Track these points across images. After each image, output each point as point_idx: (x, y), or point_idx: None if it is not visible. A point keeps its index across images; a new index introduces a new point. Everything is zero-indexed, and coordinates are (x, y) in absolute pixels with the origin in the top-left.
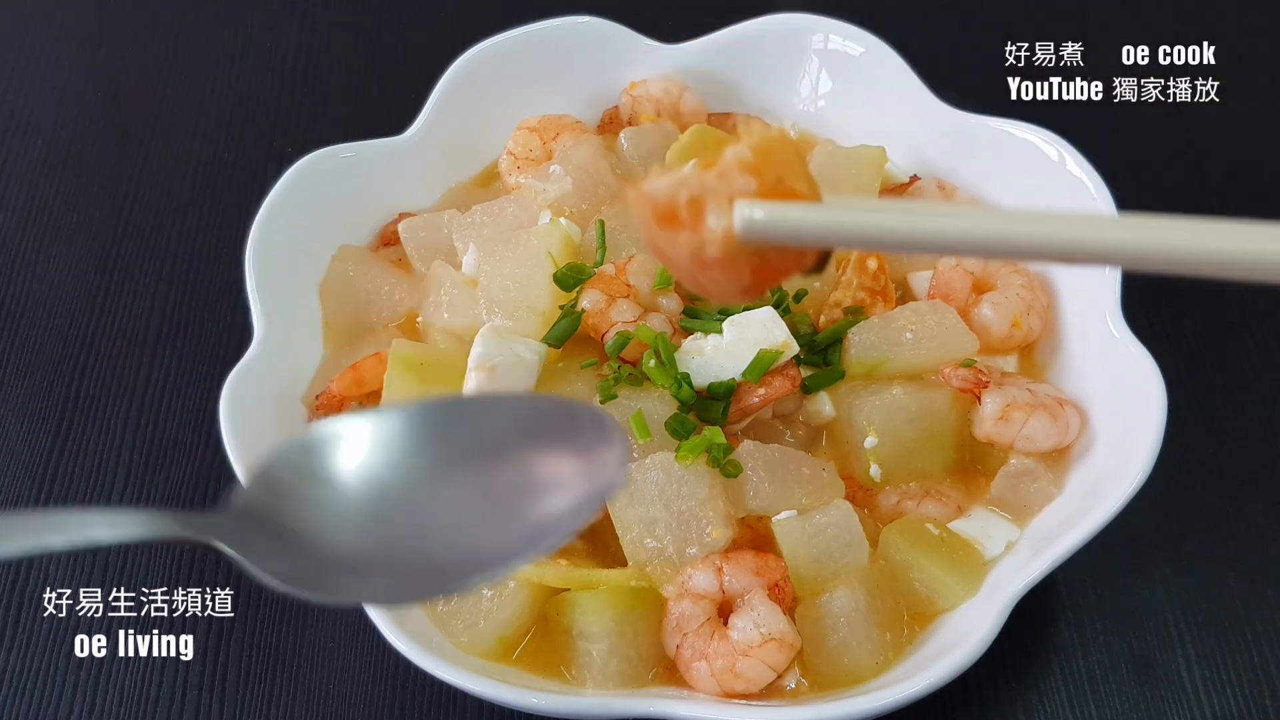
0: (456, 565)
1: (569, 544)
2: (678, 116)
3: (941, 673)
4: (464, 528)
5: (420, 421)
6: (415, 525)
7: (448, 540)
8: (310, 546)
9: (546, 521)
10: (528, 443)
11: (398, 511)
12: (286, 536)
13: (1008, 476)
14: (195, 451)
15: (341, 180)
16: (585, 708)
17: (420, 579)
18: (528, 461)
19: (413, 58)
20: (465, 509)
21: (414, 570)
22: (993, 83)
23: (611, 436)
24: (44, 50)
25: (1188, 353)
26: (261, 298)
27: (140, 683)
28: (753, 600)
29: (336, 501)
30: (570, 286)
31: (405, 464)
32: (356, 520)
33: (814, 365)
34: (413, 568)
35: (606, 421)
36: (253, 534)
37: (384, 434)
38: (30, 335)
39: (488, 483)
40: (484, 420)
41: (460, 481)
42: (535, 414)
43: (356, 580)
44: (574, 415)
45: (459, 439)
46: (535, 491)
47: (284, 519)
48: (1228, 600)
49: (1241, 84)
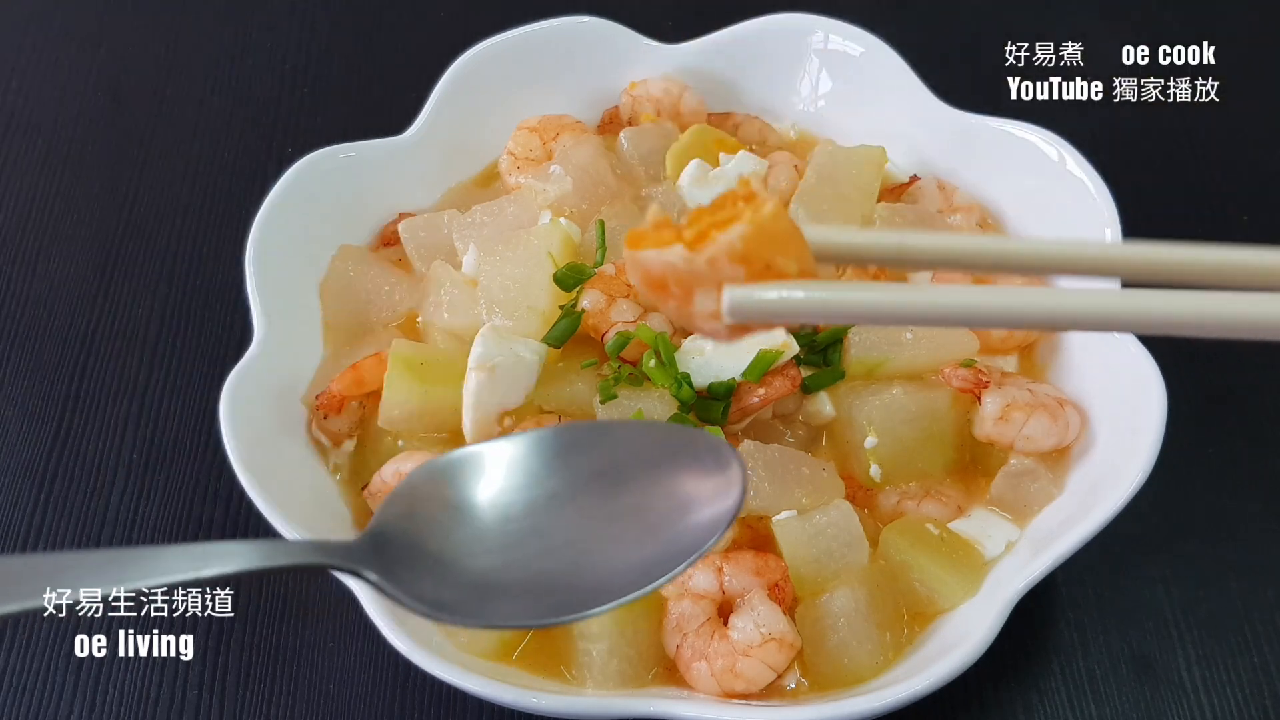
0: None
1: None
2: (678, 116)
3: (941, 673)
4: (594, 552)
5: (546, 446)
6: (545, 548)
7: (579, 563)
8: (448, 571)
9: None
10: (651, 468)
11: (528, 534)
12: (424, 562)
13: (1008, 476)
14: (195, 451)
15: (341, 180)
16: (585, 708)
17: (554, 602)
18: (651, 487)
19: (413, 58)
20: (594, 534)
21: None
22: (993, 83)
23: (730, 462)
24: (44, 50)
25: (1188, 353)
26: (261, 298)
27: (140, 683)
28: (753, 600)
29: (470, 526)
30: (570, 286)
31: (534, 488)
32: (490, 544)
33: (814, 365)
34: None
35: (723, 447)
36: (393, 561)
37: (511, 459)
38: (30, 335)
39: (615, 508)
40: (608, 445)
41: (588, 506)
42: (655, 440)
43: (494, 603)
44: (692, 441)
45: (585, 463)
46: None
47: (421, 545)
48: (1228, 600)
49: (1241, 84)
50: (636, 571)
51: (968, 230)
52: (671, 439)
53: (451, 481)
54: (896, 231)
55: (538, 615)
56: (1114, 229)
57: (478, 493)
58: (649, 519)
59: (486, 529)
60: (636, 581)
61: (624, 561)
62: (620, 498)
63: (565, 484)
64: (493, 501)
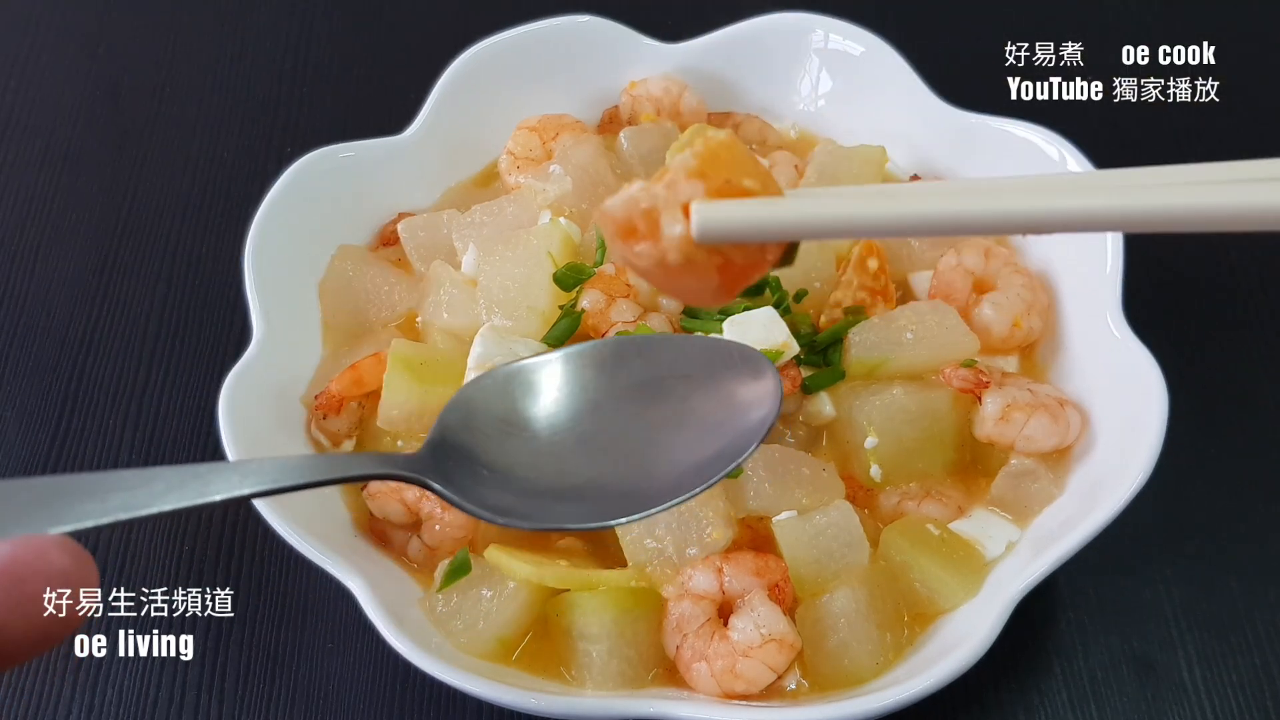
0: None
1: (569, 544)
2: (678, 116)
3: (942, 674)
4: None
5: (593, 358)
6: (600, 453)
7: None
8: (505, 478)
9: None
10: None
11: (580, 442)
12: (481, 470)
13: (1008, 477)
14: (195, 451)
15: (341, 180)
16: (585, 709)
17: (615, 502)
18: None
19: (412, 56)
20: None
21: (608, 494)
22: (993, 83)
23: (765, 371)
24: (44, 50)
25: (1188, 353)
26: (261, 298)
27: (140, 683)
28: (753, 601)
29: (523, 436)
30: (570, 286)
31: (580, 396)
32: (544, 452)
33: (814, 365)
34: (607, 491)
35: (758, 358)
36: (454, 471)
37: (560, 372)
38: (29, 335)
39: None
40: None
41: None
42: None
43: (557, 506)
44: (729, 352)
45: (627, 374)
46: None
47: (479, 455)
48: (1228, 600)
49: (1241, 84)
50: (689, 473)
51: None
52: (711, 350)
53: (504, 394)
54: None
55: (597, 517)
56: None
57: (528, 403)
58: (695, 424)
59: (540, 439)
60: (688, 483)
61: (673, 464)
62: (666, 405)
63: (614, 393)
64: (546, 412)
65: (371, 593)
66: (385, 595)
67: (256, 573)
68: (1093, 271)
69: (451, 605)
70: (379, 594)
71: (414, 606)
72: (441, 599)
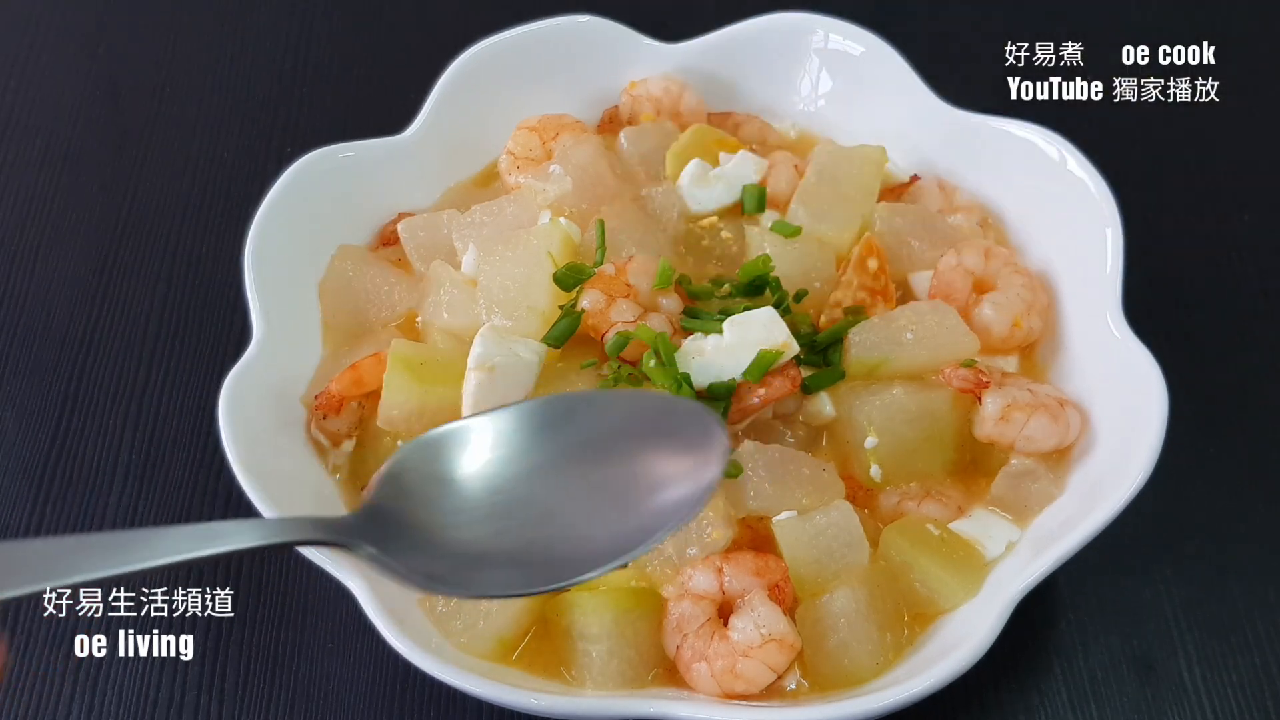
0: (573, 558)
1: None
2: (678, 116)
3: (942, 674)
4: (578, 522)
5: (533, 418)
6: (531, 518)
7: (563, 534)
8: (439, 543)
9: (656, 516)
10: (633, 439)
11: (515, 506)
12: (416, 536)
13: (1008, 477)
14: (195, 451)
15: (341, 180)
16: (585, 709)
17: (539, 571)
18: (634, 457)
19: (412, 56)
20: (578, 503)
21: (534, 563)
22: (993, 83)
23: (712, 431)
24: (44, 50)
25: (1188, 353)
26: (261, 298)
27: (140, 683)
28: (753, 601)
29: (458, 498)
30: (570, 286)
31: (520, 460)
32: (478, 515)
33: (814, 365)
34: (532, 560)
35: (706, 416)
36: (387, 536)
37: (498, 431)
38: (29, 335)
39: (598, 478)
40: (591, 417)
41: (572, 477)
42: (639, 410)
43: (483, 573)
44: (675, 411)
45: (568, 436)
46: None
47: (413, 519)
48: (1228, 600)
49: (1241, 84)
50: (618, 541)
51: (967, 229)
52: (656, 408)
53: (440, 456)
54: None
55: (525, 585)
56: (1114, 228)
57: (466, 466)
58: (632, 489)
59: (475, 501)
60: (616, 550)
61: (606, 531)
62: (604, 468)
63: (551, 455)
64: (480, 474)
65: (371, 593)
66: (385, 595)
67: (256, 573)
68: (1093, 271)
69: (451, 605)
70: (379, 594)
71: (414, 607)
72: (441, 599)
